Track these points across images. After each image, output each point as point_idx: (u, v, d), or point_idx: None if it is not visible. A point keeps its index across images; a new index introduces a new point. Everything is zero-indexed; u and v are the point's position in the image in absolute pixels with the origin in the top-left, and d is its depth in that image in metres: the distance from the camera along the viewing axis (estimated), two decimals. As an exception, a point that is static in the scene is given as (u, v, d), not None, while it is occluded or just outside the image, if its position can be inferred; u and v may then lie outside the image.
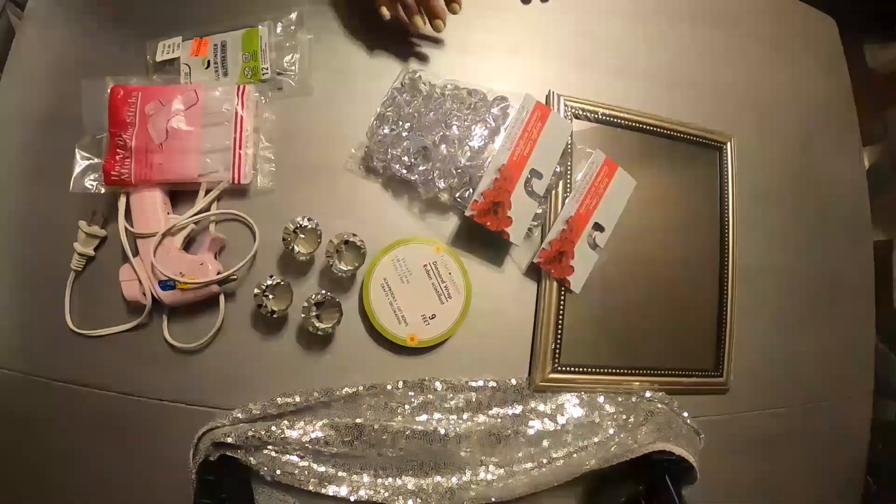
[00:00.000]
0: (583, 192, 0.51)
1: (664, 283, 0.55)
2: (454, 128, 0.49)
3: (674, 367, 0.54)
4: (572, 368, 0.50)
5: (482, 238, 0.50)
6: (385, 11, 0.50)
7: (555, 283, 0.50)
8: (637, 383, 0.52)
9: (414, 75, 0.51)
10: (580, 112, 0.54)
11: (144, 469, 0.46)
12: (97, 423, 0.46)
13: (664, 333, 0.54)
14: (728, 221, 0.57)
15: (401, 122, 0.49)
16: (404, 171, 0.49)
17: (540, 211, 0.50)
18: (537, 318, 0.51)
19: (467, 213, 0.48)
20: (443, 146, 0.49)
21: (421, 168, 0.49)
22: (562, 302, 0.50)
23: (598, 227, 0.52)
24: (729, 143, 0.59)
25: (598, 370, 0.51)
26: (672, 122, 0.57)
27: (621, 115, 0.55)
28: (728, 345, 0.56)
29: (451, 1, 0.50)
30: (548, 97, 0.55)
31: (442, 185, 0.49)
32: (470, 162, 0.49)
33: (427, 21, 0.50)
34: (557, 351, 0.50)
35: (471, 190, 0.49)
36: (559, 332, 0.50)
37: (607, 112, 0.55)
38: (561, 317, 0.50)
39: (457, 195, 0.50)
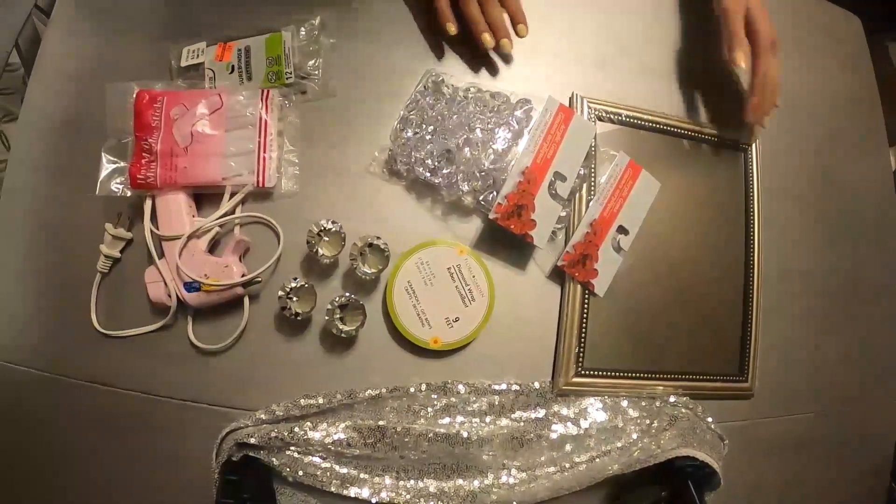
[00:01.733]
0: (607, 194, 0.51)
1: (689, 286, 0.54)
2: (478, 130, 0.49)
3: (698, 372, 0.53)
4: (596, 372, 0.50)
5: (506, 241, 0.50)
6: (452, 27, 0.51)
7: (579, 287, 0.50)
8: (661, 388, 0.52)
9: (437, 78, 0.51)
10: (603, 114, 0.54)
11: (167, 468, 0.46)
12: (121, 423, 0.47)
13: (689, 337, 0.54)
14: (753, 223, 0.56)
15: (424, 125, 0.49)
16: (428, 174, 0.49)
17: (564, 214, 0.50)
18: (561, 322, 0.51)
19: (491, 217, 0.48)
20: (466, 149, 0.49)
21: (445, 171, 0.49)
22: (586, 305, 0.50)
23: (622, 230, 0.51)
24: (754, 145, 0.58)
25: (621, 374, 0.51)
26: (696, 124, 0.56)
27: (645, 116, 0.55)
28: (753, 349, 0.55)
29: (516, 23, 0.50)
30: (571, 99, 0.54)
31: (466, 188, 0.49)
32: (493, 165, 0.49)
33: (495, 40, 0.51)
34: (581, 355, 0.50)
35: (494, 193, 0.49)
36: (583, 335, 0.50)
37: (630, 114, 0.54)
38: (585, 320, 0.50)
39: (480, 198, 0.50)
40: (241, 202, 0.48)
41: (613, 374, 0.51)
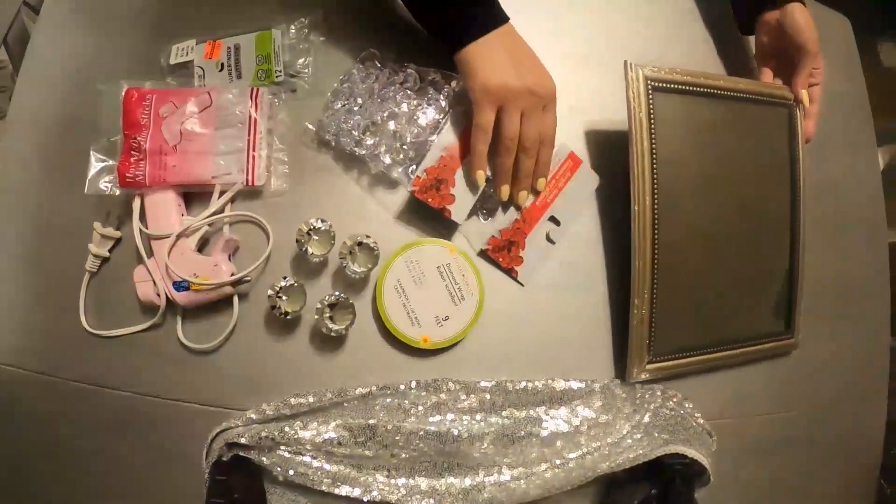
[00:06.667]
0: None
1: (737, 253, 0.54)
2: (404, 105, 0.49)
3: (750, 336, 0.55)
4: (665, 357, 0.51)
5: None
6: (482, 177, 0.47)
7: (648, 268, 0.48)
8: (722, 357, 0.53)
9: (372, 53, 0.51)
10: (661, 83, 0.49)
11: (157, 469, 0.46)
12: (111, 423, 0.46)
13: (738, 303, 0.55)
14: (799, 180, 0.56)
15: (354, 98, 0.49)
16: (353, 146, 0.49)
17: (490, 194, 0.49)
18: (631, 311, 0.49)
19: (408, 190, 0.47)
20: (391, 122, 0.49)
21: (368, 142, 0.49)
22: (655, 288, 0.49)
23: (553, 220, 0.51)
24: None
25: (688, 353, 0.52)
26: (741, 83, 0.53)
27: (697, 80, 0.50)
28: (798, 305, 0.57)
29: (539, 175, 0.49)
30: (625, 67, 0.48)
31: (388, 160, 0.49)
32: (416, 139, 0.49)
33: (512, 193, 0.49)
34: (651, 340, 0.50)
35: (414, 166, 0.49)
36: (653, 321, 0.49)
37: (685, 79, 0.50)
38: (654, 304, 0.49)
39: (399, 171, 0.49)
40: (230, 201, 0.48)
41: (681, 355, 0.51)
